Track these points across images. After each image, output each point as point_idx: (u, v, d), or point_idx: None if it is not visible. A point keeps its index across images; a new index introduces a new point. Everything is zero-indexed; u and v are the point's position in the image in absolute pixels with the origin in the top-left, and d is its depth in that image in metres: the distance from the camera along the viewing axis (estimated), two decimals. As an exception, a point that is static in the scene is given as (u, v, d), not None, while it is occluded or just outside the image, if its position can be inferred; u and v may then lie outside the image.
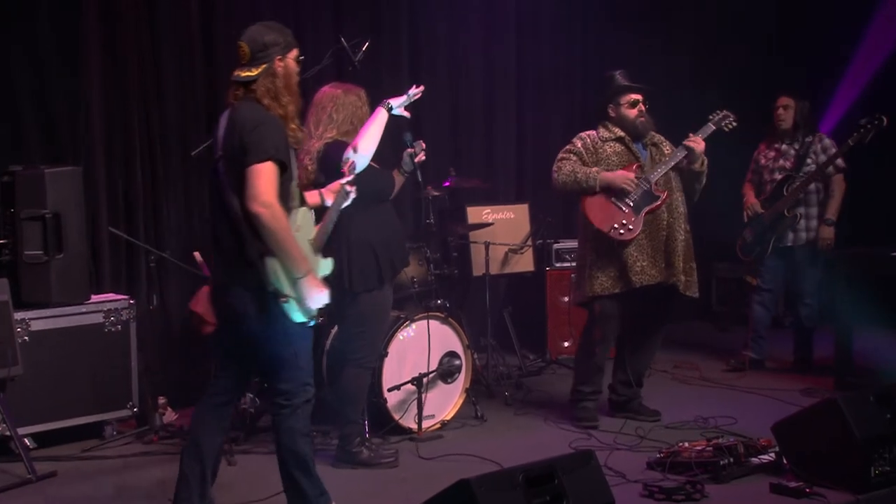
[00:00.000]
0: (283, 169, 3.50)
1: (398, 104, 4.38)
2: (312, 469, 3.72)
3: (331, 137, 4.54)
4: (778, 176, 6.30)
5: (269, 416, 5.09)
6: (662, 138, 5.36)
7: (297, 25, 6.29)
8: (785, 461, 4.32)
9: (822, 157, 6.19)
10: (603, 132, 5.28)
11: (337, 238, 4.37)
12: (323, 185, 4.26)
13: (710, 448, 4.39)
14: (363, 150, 4.20)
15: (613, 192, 5.11)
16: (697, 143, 5.14)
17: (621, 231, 5.06)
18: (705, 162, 5.24)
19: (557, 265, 6.88)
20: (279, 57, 3.59)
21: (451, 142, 7.15)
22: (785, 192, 6.20)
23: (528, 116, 7.60)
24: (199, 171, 5.84)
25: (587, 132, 5.33)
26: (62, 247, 4.92)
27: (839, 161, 6.13)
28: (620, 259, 5.08)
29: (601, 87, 5.40)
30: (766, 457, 4.40)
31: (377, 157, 4.36)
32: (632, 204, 5.08)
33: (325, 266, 3.76)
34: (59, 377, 4.96)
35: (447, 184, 6.22)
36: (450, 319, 5.33)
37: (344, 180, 4.09)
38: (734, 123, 5.32)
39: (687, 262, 5.20)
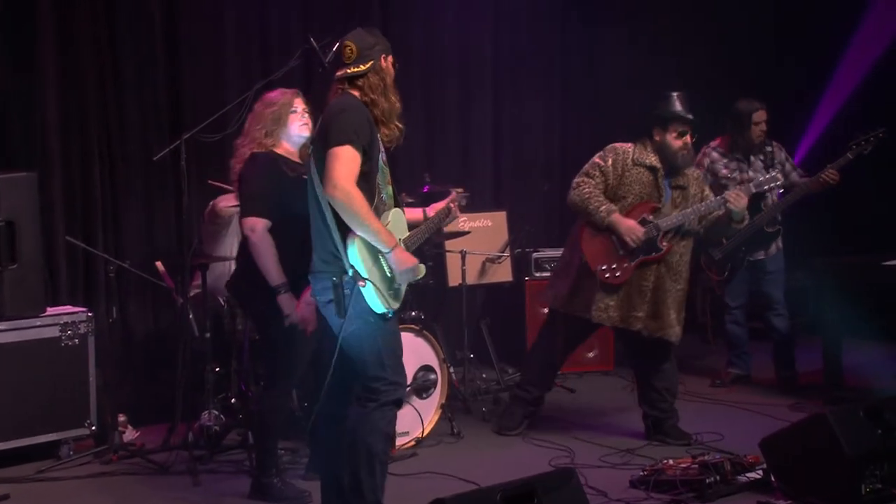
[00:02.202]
0: (365, 156, 3.58)
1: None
2: (378, 471, 3.64)
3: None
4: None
5: (239, 431, 5.07)
6: (694, 177, 5.12)
7: (262, 25, 6.16)
8: (773, 479, 4.26)
9: (788, 166, 6.09)
10: (639, 154, 5.03)
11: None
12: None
13: (696, 465, 4.34)
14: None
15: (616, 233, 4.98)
16: (739, 198, 4.92)
17: (607, 274, 4.96)
18: (746, 219, 5.11)
19: (537, 275, 6.74)
20: (383, 56, 3.79)
21: (425, 145, 7.01)
22: (763, 207, 6.01)
23: (504, 117, 7.44)
24: (162, 177, 5.80)
25: (625, 146, 5.05)
26: (16, 257, 4.85)
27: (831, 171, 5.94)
28: (592, 290, 4.98)
29: (653, 101, 5.10)
30: (753, 474, 4.35)
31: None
32: (632, 248, 4.94)
33: (420, 270, 3.81)
34: (13, 394, 4.86)
35: (426, 189, 6.05)
36: (425, 332, 5.26)
37: (453, 200, 4.28)
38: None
39: (678, 315, 5.07)
